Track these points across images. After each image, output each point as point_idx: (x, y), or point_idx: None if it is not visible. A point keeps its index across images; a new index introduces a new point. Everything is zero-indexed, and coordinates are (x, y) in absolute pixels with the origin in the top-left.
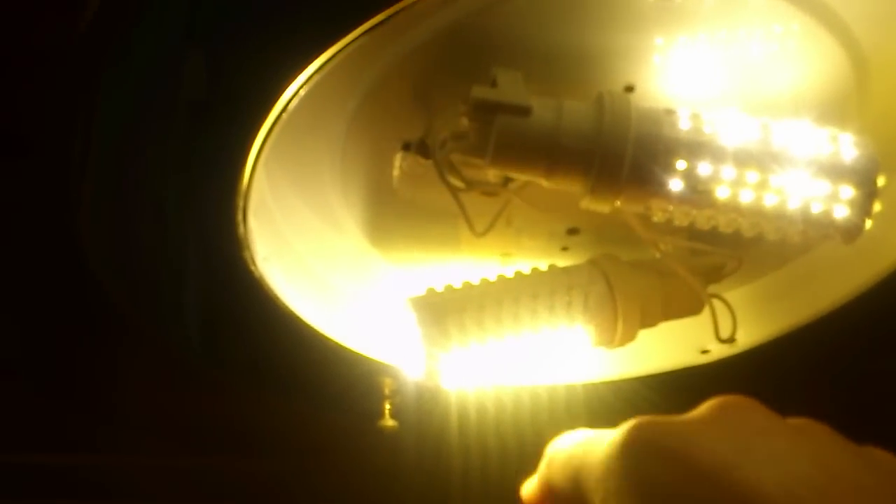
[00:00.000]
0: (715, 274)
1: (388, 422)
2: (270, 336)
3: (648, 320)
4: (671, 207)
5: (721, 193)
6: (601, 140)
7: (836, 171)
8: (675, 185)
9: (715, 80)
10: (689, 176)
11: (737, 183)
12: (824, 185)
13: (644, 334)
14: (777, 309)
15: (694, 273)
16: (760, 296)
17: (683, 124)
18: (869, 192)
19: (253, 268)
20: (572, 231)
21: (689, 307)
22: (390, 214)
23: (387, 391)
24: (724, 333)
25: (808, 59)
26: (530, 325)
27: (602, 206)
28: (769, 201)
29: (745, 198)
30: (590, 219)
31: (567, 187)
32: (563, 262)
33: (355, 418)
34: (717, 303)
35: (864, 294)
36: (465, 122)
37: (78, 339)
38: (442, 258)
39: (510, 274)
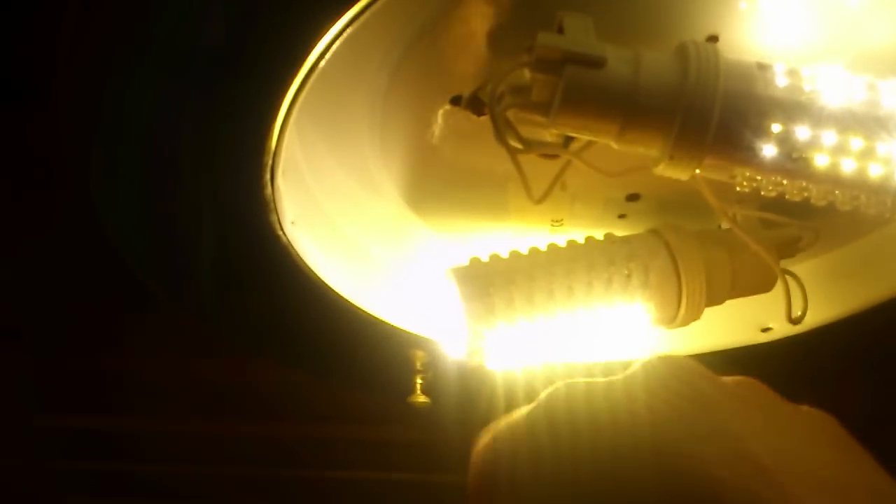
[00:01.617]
0: (789, 248)
1: (420, 398)
2: (296, 305)
3: (714, 298)
4: (760, 176)
5: (819, 162)
6: (685, 97)
7: None
8: (768, 150)
9: (810, 32)
10: (784, 141)
11: (838, 150)
12: None
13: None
14: (847, 287)
15: (767, 247)
16: (829, 271)
17: (779, 81)
18: None
19: (280, 232)
20: (632, 197)
21: (759, 284)
22: (433, 177)
23: (418, 365)
24: (794, 312)
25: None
26: (584, 301)
27: (680, 173)
28: (874, 172)
29: (847, 168)
30: (652, 184)
31: (641, 150)
32: (620, 230)
33: (386, 394)
34: (788, 279)
35: None
36: (526, 74)
37: (97, 303)
38: (487, 225)
39: (562, 243)
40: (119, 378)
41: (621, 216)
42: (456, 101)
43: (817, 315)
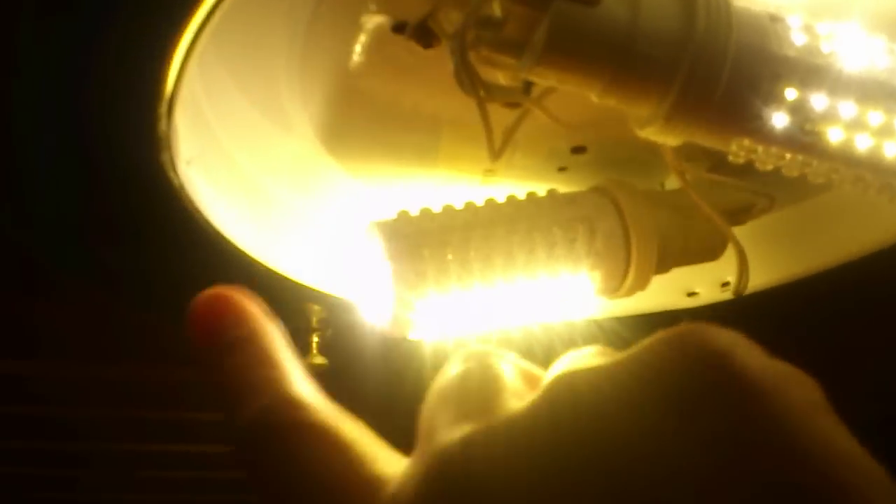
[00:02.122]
0: (742, 215)
1: (316, 358)
2: (185, 252)
3: (662, 266)
4: (761, 147)
5: (833, 136)
6: (691, 49)
7: None
8: (779, 119)
9: None
10: (797, 109)
11: (855, 124)
12: None
13: None
14: (779, 254)
15: (719, 212)
16: (762, 236)
17: (795, 38)
18: None
19: (173, 173)
20: (578, 150)
21: (707, 252)
22: (355, 115)
23: (314, 322)
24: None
25: None
26: (525, 269)
27: (671, 137)
28: (889, 152)
29: (862, 145)
30: (601, 137)
31: (629, 107)
32: (558, 185)
33: None
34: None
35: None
36: (497, 5)
37: None
38: (411, 172)
39: (501, 198)
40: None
41: (561, 169)
42: (399, 28)
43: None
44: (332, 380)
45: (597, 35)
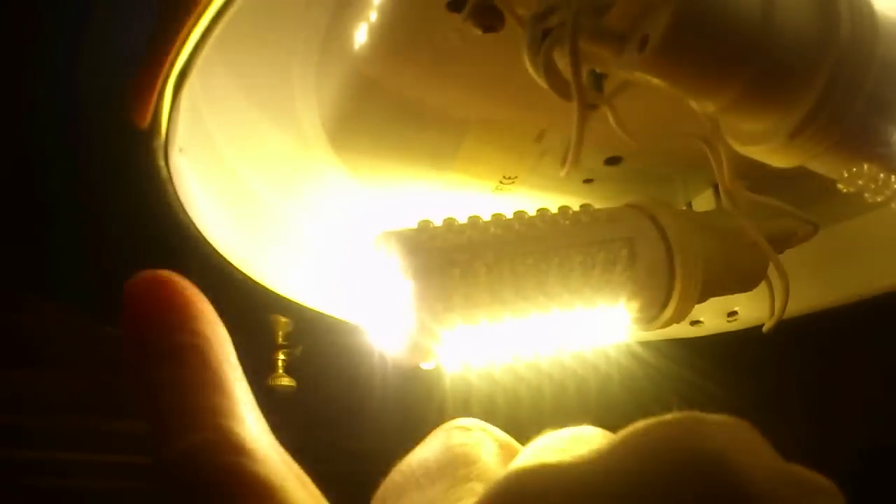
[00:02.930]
0: (785, 241)
1: (282, 379)
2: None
3: (702, 295)
4: (883, 176)
5: None
6: (832, 59)
7: None
8: None
9: None
10: None
11: None
12: None
13: None
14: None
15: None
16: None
17: None
18: None
19: (162, 162)
20: (612, 160)
21: (746, 280)
22: (371, 111)
23: (280, 337)
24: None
25: None
26: (560, 297)
27: (789, 159)
28: None
29: None
30: (644, 147)
31: (745, 120)
32: (582, 198)
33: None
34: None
35: None
36: None
37: None
38: (421, 175)
39: (530, 211)
40: None
41: (587, 181)
42: (456, 5)
43: (753, 312)
44: (297, 404)
45: (726, 28)
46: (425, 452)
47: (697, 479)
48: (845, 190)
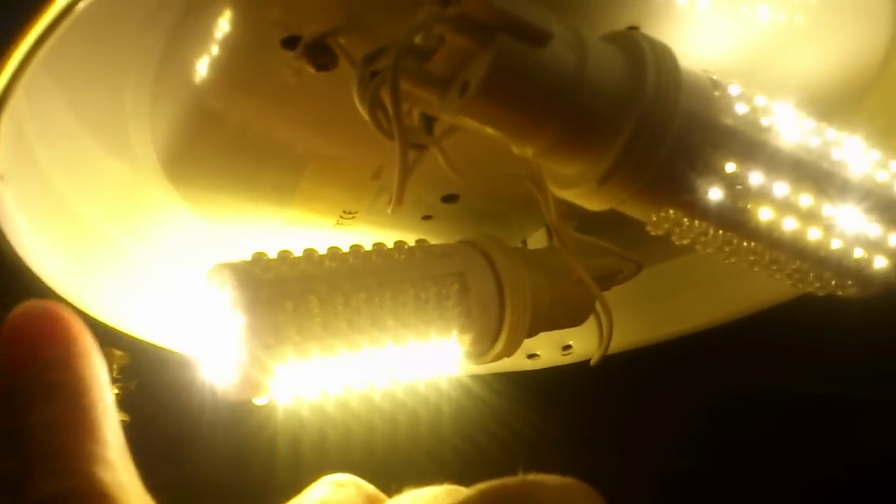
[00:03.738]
0: (608, 280)
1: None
2: None
3: (531, 330)
4: (688, 220)
5: (763, 215)
6: (637, 110)
7: (888, 210)
8: (714, 193)
9: (721, 39)
10: (734, 184)
11: (785, 206)
12: (874, 227)
13: None
14: (633, 318)
15: (590, 276)
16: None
17: (738, 108)
18: None
19: None
20: (449, 199)
21: (574, 316)
22: (208, 143)
23: (114, 370)
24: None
25: (837, 35)
26: (395, 330)
27: (599, 202)
28: (812, 235)
29: (788, 226)
30: (478, 187)
31: (558, 164)
32: (419, 234)
33: None
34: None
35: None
36: (428, 33)
37: None
38: (261, 210)
39: (366, 245)
40: None
41: (426, 217)
42: (290, 43)
43: (587, 346)
44: (128, 439)
45: (541, 79)
46: None
47: None
48: (653, 233)
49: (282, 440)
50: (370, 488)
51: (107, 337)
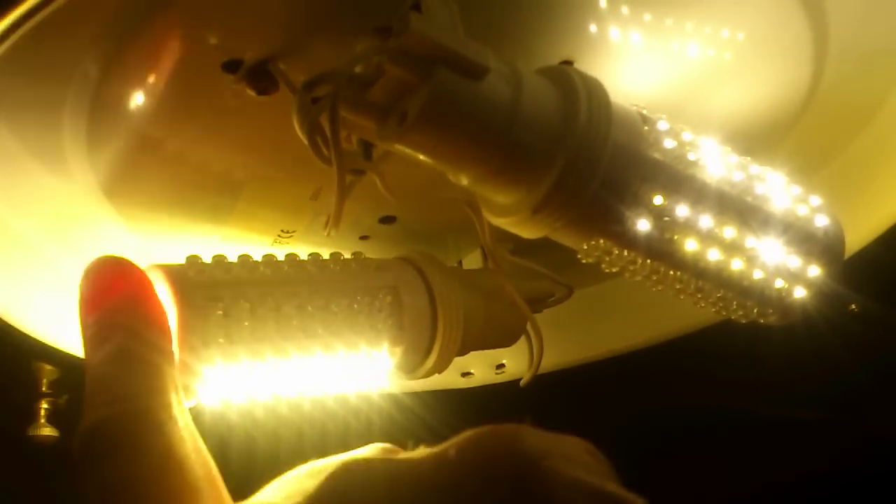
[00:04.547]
0: (539, 303)
1: (43, 429)
2: None
3: (463, 348)
4: (617, 250)
5: (689, 247)
6: (570, 142)
7: (807, 242)
8: (642, 224)
9: (651, 74)
10: (661, 216)
11: (709, 237)
12: (794, 259)
13: None
14: (564, 338)
15: (522, 298)
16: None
17: (665, 143)
18: (834, 275)
19: None
20: (386, 220)
21: (504, 337)
22: (146, 164)
23: (44, 385)
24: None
25: (762, 73)
26: (325, 340)
27: (532, 231)
28: (735, 266)
29: (713, 257)
30: (415, 209)
31: (493, 193)
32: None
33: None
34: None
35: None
36: (367, 64)
37: None
38: (198, 229)
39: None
40: None
41: (363, 237)
42: (231, 66)
43: (520, 365)
44: (59, 454)
45: (476, 111)
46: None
47: (508, 477)
48: (584, 261)
49: (209, 443)
50: None
51: (38, 351)
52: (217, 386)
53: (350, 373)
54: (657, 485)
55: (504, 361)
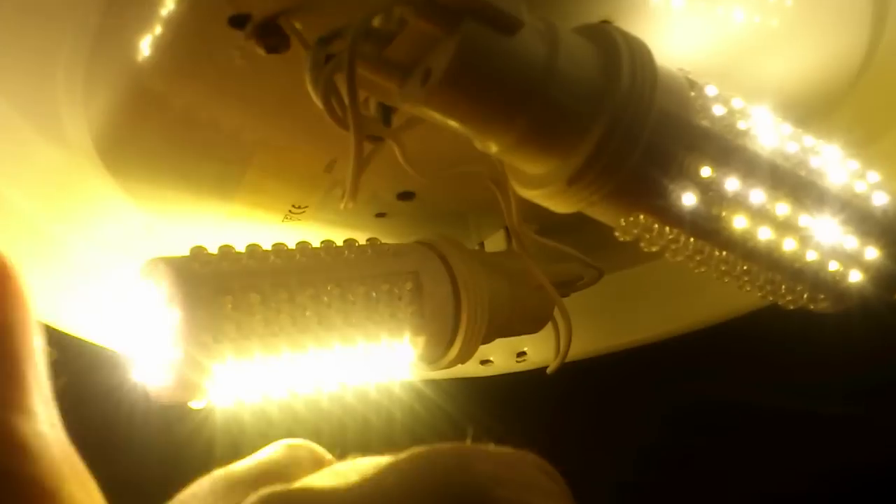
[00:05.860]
0: (568, 286)
1: None
2: None
3: (488, 336)
4: (658, 226)
5: (738, 224)
6: (612, 107)
7: (865, 222)
8: (688, 199)
9: (695, 39)
10: (709, 189)
11: (761, 214)
12: (850, 240)
13: None
14: (592, 325)
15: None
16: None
17: (715, 110)
18: (894, 258)
19: None
20: (405, 196)
21: (532, 322)
22: (148, 129)
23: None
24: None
25: (816, 38)
26: (342, 331)
27: (566, 204)
28: (788, 247)
29: (763, 235)
30: (433, 184)
31: (525, 162)
32: (372, 232)
33: None
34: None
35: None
36: (388, 16)
37: None
38: (204, 202)
39: (314, 243)
40: None
41: (379, 214)
42: (238, 21)
43: (542, 353)
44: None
45: (509, 69)
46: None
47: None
48: (622, 238)
49: (220, 446)
50: (322, 452)
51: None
52: (230, 384)
53: (370, 365)
54: (685, 478)
55: (525, 349)
